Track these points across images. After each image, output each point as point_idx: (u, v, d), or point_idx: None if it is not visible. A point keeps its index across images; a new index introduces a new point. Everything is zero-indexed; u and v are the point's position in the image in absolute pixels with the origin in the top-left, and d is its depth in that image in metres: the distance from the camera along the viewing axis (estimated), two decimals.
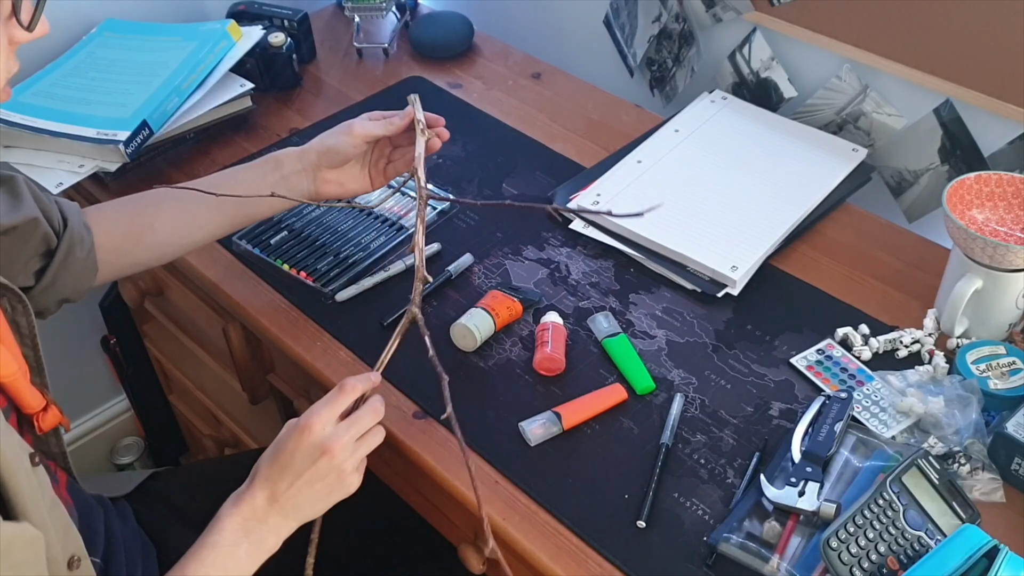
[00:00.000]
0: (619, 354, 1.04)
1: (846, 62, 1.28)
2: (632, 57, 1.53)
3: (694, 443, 0.96)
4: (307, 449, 0.84)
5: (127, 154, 1.24)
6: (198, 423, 1.68)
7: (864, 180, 1.27)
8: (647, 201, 1.22)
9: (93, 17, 1.46)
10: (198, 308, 1.29)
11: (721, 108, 1.38)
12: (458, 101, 1.47)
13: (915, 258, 1.17)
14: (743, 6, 1.35)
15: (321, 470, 0.84)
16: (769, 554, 0.85)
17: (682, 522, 0.89)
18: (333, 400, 0.86)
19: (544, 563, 0.87)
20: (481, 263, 1.17)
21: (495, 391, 1.02)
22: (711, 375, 1.03)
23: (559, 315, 1.08)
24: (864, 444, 0.94)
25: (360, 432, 0.86)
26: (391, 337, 0.93)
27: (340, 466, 0.85)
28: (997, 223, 1.06)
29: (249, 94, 1.39)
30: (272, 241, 1.19)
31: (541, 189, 1.28)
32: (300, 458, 0.84)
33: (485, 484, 0.93)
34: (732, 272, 1.12)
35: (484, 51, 1.59)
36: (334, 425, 0.85)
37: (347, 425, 0.86)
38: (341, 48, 1.61)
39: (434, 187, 1.28)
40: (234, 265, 1.19)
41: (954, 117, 1.21)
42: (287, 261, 1.16)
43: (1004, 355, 1.00)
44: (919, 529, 0.84)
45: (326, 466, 0.84)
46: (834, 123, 1.34)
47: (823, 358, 1.04)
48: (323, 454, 0.84)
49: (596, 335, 1.07)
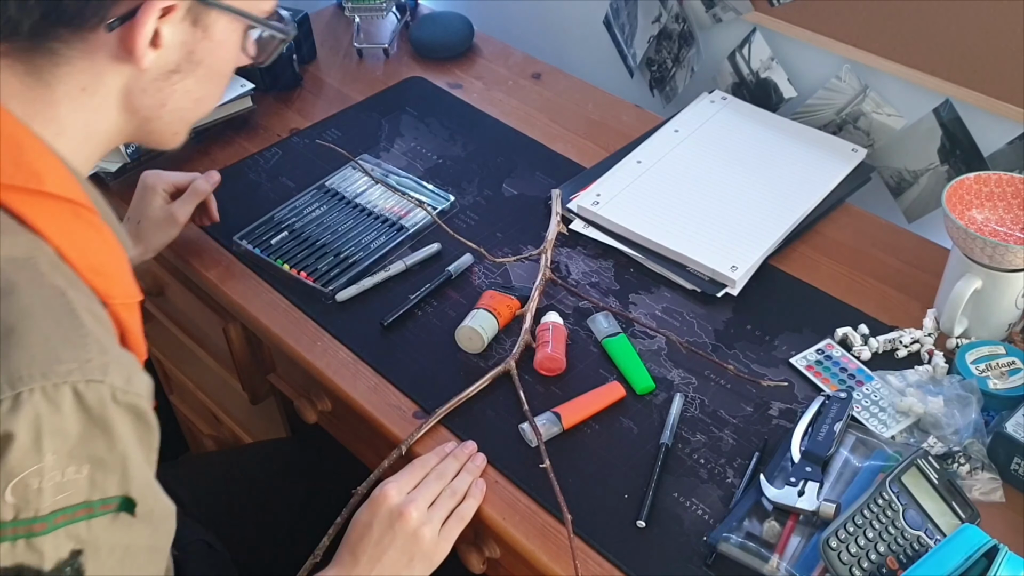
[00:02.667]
0: (619, 354, 1.04)
1: (846, 62, 1.28)
2: (632, 57, 1.53)
3: (694, 443, 0.97)
4: (383, 515, 0.86)
5: (128, 154, 1.24)
6: (198, 423, 1.68)
7: (864, 180, 1.27)
8: (647, 201, 1.22)
9: None
10: (198, 308, 1.29)
11: (721, 108, 1.38)
12: (458, 101, 1.47)
13: (914, 258, 1.17)
14: (743, 6, 1.35)
15: (397, 534, 0.85)
16: (769, 554, 0.85)
17: (682, 522, 0.90)
18: (410, 470, 0.90)
19: (544, 563, 0.87)
20: (481, 263, 1.17)
21: (495, 391, 1.02)
22: (711, 375, 1.03)
23: (559, 315, 1.08)
24: (864, 444, 0.94)
25: (434, 496, 0.89)
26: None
27: (417, 530, 0.86)
28: (996, 223, 1.06)
29: (249, 94, 1.39)
30: (272, 241, 1.19)
31: (541, 189, 1.28)
32: (377, 524, 0.86)
33: (485, 484, 0.94)
34: (732, 272, 1.12)
35: (484, 51, 1.59)
36: (412, 494, 0.88)
37: (423, 489, 0.88)
38: (341, 48, 1.61)
39: (434, 187, 1.28)
40: (234, 265, 1.19)
41: (954, 117, 1.21)
42: (287, 261, 1.16)
43: (1003, 355, 1.00)
44: (918, 529, 0.84)
45: (401, 530, 0.85)
46: (834, 123, 1.34)
47: (823, 358, 1.04)
48: (398, 518, 0.85)
49: (596, 335, 1.07)
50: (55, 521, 0.59)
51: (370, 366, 1.05)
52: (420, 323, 1.10)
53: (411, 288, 1.14)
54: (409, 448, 0.96)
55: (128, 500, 0.63)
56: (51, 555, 0.59)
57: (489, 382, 1.01)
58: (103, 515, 0.61)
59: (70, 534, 0.60)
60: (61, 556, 0.60)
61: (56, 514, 0.59)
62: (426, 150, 1.36)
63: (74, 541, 0.60)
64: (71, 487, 0.59)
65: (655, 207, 1.21)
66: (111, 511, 0.62)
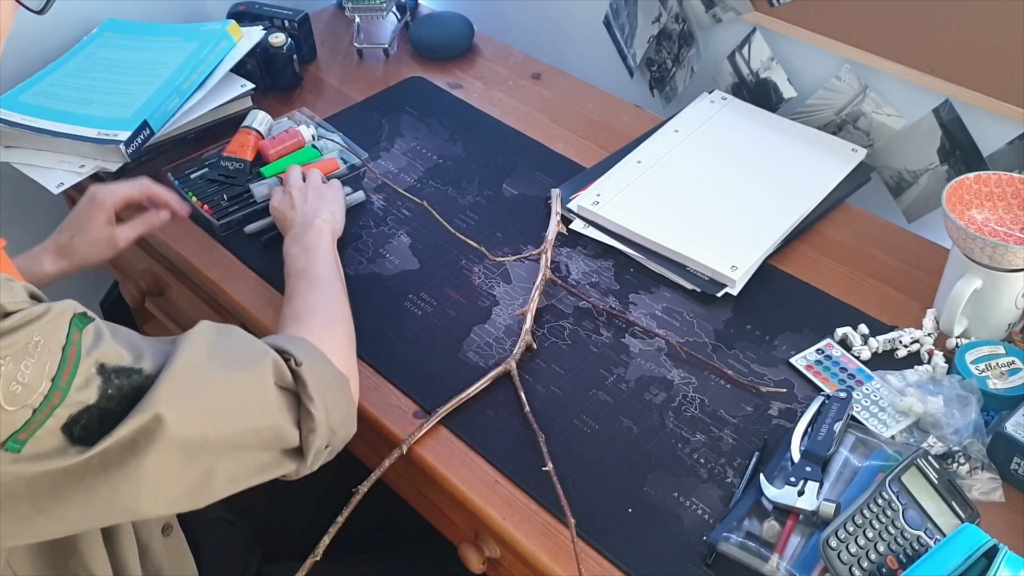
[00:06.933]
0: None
1: (846, 62, 1.28)
2: (632, 57, 1.53)
3: (694, 443, 0.97)
4: (275, 204, 1.13)
5: (128, 154, 1.24)
6: None
7: (863, 180, 1.27)
8: (647, 201, 1.22)
9: (94, 17, 1.47)
10: (198, 308, 1.29)
11: (721, 108, 1.38)
12: (458, 101, 1.47)
13: (914, 258, 1.17)
14: (743, 6, 1.35)
15: (296, 199, 1.12)
16: (768, 553, 0.85)
17: (681, 521, 0.90)
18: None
19: (544, 562, 0.87)
20: (481, 263, 1.17)
21: (495, 391, 1.02)
22: (711, 375, 1.03)
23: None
24: (863, 444, 0.94)
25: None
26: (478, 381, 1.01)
27: (308, 183, 1.16)
28: (996, 223, 1.06)
29: (250, 94, 1.39)
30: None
31: (541, 189, 1.28)
32: (281, 207, 1.12)
33: (485, 484, 0.94)
34: (732, 272, 1.12)
35: (484, 51, 1.59)
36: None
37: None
38: (341, 48, 1.61)
39: (436, 187, 1.28)
40: (234, 265, 1.19)
41: (953, 117, 1.21)
42: (198, 196, 1.19)
43: (1003, 355, 1.00)
44: (918, 528, 0.84)
45: (299, 195, 1.13)
46: (833, 123, 1.34)
47: (822, 358, 1.04)
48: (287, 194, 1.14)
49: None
50: (63, 380, 0.66)
51: (370, 366, 1.05)
52: (420, 323, 1.10)
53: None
54: (409, 448, 0.96)
55: (80, 317, 0.69)
56: (87, 392, 0.67)
57: (489, 382, 1.02)
58: (77, 344, 0.67)
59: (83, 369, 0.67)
60: (95, 382, 0.67)
61: (58, 379, 0.65)
62: (426, 150, 1.36)
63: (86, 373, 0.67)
64: (36, 367, 0.65)
65: (655, 207, 1.21)
66: (77, 337, 0.68)
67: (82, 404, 0.66)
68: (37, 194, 1.27)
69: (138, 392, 0.69)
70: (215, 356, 0.75)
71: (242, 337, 0.80)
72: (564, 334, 1.08)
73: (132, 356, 0.71)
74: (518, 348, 1.04)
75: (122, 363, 0.69)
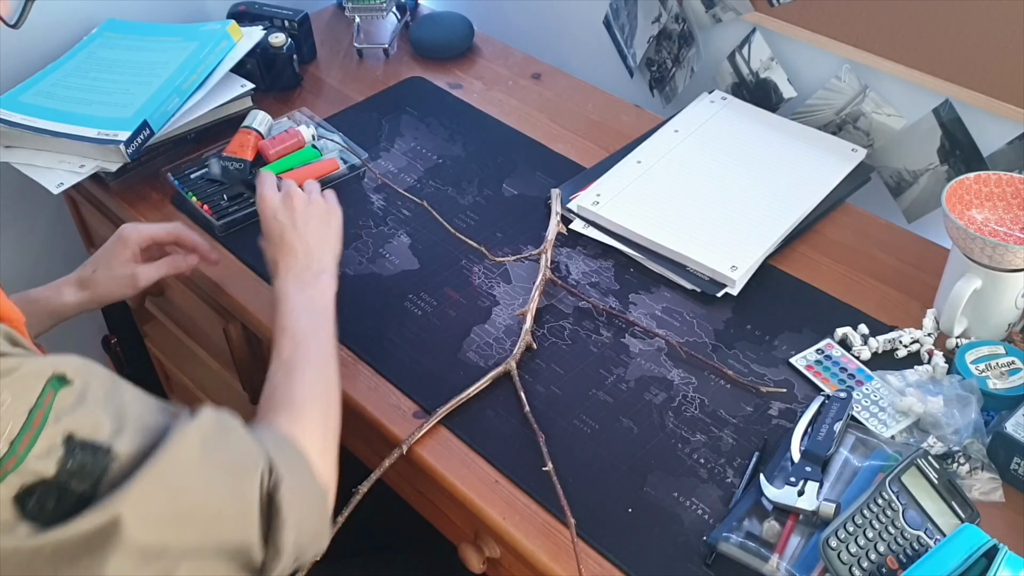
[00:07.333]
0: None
1: (845, 62, 1.28)
2: (632, 57, 1.53)
3: (694, 443, 0.97)
4: (272, 209, 1.02)
5: (128, 154, 1.24)
6: None
7: (863, 180, 1.27)
8: (647, 201, 1.22)
9: (94, 17, 1.47)
10: (199, 308, 1.29)
11: (721, 108, 1.38)
12: (458, 101, 1.47)
13: (914, 258, 1.17)
14: (743, 6, 1.35)
15: (295, 210, 1.02)
16: (768, 553, 0.85)
17: (681, 521, 0.90)
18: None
19: (544, 563, 0.88)
20: (481, 263, 1.17)
21: (495, 391, 1.02)
22: (711, 375, 1.03)
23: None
24: (863, 444, 0.94)
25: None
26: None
27: (309, 199, 1.04)
28: (996, 223, 1.06)
29: (250, 94, 1.39)
30: (192, 176, 1.20)
31: (541, 189, 1.28)
32: (280, 219, 1.01)
33: (485, 484, 0.94)
34: (732, 272, 1.12)
35: (484, 51, 1.59)
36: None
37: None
38: (341, 48, 1.61)
39: (436, 187, 1.28)
40: (234, 265, 1.19)
41: (953, 117, 1.21)
42: (198, 196, 1.19)
43: (1003, 355, 1.00)
44: (918, 528, 0.84)
45: (300, 207, 1.02)
46: (833, 123, 1.34)
47: (822, 358, 1.04)
48: (288, 198, 1.03)
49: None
50: (22, 445, 0.61)
51: (370, 366, 1.05)
52: (420, 323, 1.10)
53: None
54: (409, 448, 0.96)
55: (59, 379, 0.64)
56: (46, 462, 0.62)
57: (489, 382, 1.02)
58: (47, 407, 0.63)
59: (47, 436, 0.62)
60: (56, 453, 0.62)
61: (17, 443, 0.61)
62: (426, 150, 1.36)
63: (49, 441, 0.62)
64: (10, 411, 0.61)
65: (655, 207, 1.21)
66: (50, 399, 0.63)
67: (38, 476, 0.61)
68: (37, 194, 1.27)
69: (102, 474, 0.64)
70: (207, 455, 0.70)
71: (240, 437, 0.75)
72: (564, 334, 1.08)
73: (111, 428, 0.65)
74: (518, 348, 1.04)
75: (96, 437, 0.64)
